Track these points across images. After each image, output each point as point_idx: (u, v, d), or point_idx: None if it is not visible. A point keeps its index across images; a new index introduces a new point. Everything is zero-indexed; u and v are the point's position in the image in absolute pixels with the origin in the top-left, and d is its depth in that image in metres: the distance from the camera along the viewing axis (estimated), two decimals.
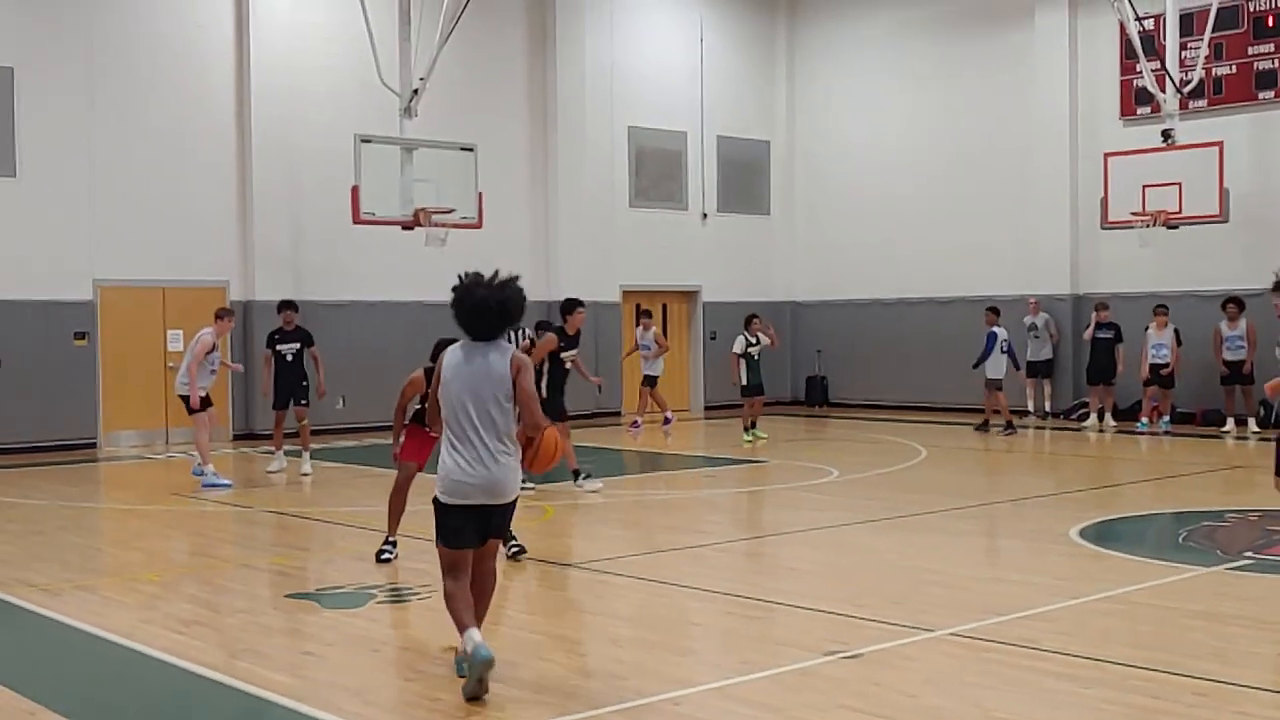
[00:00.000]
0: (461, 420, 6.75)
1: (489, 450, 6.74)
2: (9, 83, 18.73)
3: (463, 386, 6.76)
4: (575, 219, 24.08)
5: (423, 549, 10.90)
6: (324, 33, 21.18)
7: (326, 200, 20.55)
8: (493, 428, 6.75)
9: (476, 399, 6.74)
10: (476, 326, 6.82)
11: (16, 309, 18.78)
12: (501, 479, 6.79)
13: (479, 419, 6.73)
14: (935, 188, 24.97)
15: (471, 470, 6.74)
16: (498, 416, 6.77)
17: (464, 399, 6.75)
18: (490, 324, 6.80)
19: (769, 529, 12.01)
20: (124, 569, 10.49)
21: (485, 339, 6.83)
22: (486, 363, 6.77)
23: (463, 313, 6.85)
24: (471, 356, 6.81)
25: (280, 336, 16.33)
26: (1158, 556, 10.26)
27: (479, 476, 6.74)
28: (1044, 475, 16.47)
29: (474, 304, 6.80)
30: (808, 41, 27.27)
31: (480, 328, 6.81)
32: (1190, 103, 20.99)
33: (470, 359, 6.81)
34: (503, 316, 6.81)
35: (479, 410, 6.74)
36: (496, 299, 6.81)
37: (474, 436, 6.74)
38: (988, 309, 21.37)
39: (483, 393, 6.74)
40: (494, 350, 6.82)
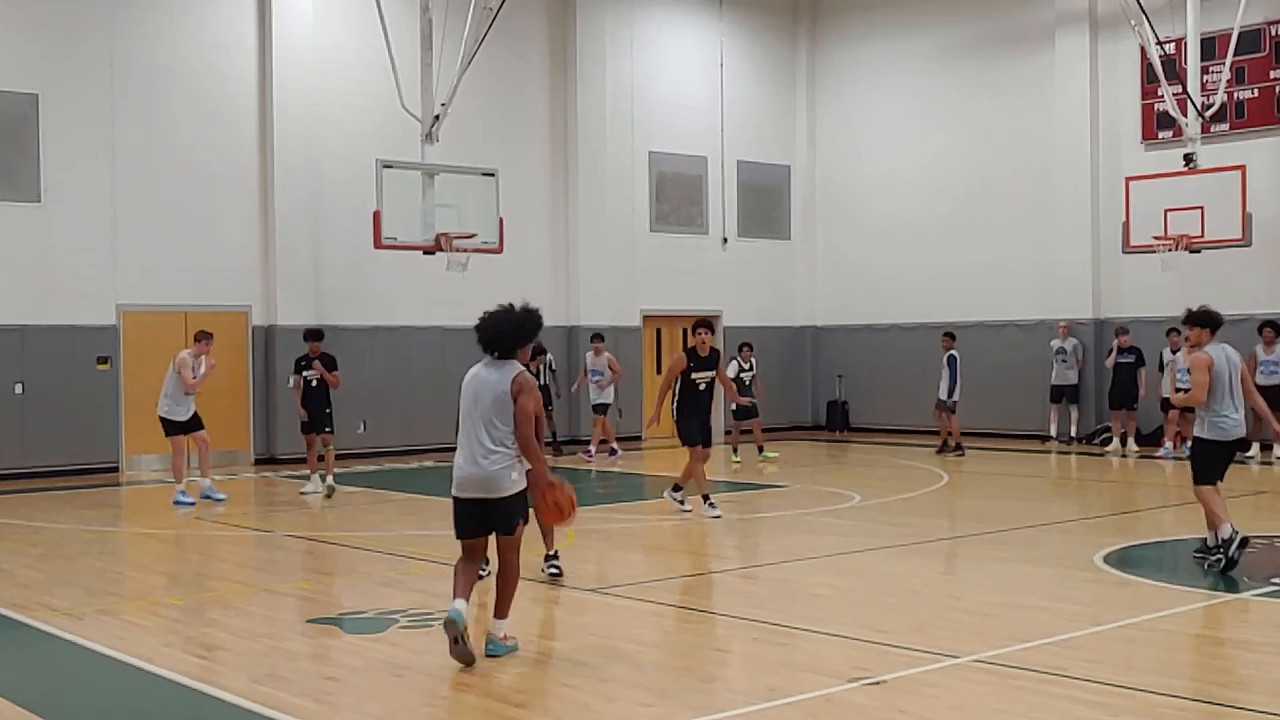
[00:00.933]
0: (464, 422, 7.85)
1: (483, 449, 7.75)
2: (34, 109, 18.87)
3: (470, 393, 7.88)
4: (596, 243, 24.12)
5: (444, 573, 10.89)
6: (346, 59, 21.30)
7: (348, 225, 20.63)
8: (486, 431, 7.75)
9: (478, 404, 7.80)
10: (489, 344, 7.94)
11: (40, 333, 18.88)
12: (489, 476, 7.76)
13: (478, 422, 7.78)
14: (956, 212, 24.94)
15: (465, 467, 7.83)
16: (497, 422, 7.76)
17: (468, 403, 7.86)
18: (500, 343, 7.90)
19: (791, 554, 11.96)
20: (146, 593, 10.50)
21: (499, 355, 7.92)
22: (493, 376, 7.84)
23: (479, 332, 7.96)
24: (485, 369, 7.93)
25: (307, 363, 16.70)
26: (1182, 583, 10.19)
27: (471, 472, 7.79)
28: (1067, 500, 16.37)
29: (488, 325, 7.93)
30: (828, 66, 27.30)
31: (491, 345, 7.92)
32: (1212, 126, 20.94)
33: (482, 371, 7.94)
34: (514, 336, 7.92)
35: (480, 414, 7.78)
36: (511, 322, 7.91)
37: (472, 437, 7.79)
38: (945, 334, 21.71)
39: (483, 400, 7.79)
40: (502, 368, 7.86)
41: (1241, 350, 19.87)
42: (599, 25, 24.28)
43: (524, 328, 7.93)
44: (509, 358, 7.91)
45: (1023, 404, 23.41)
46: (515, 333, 7.91)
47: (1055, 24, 23.43)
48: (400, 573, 11.01)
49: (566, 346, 23.73)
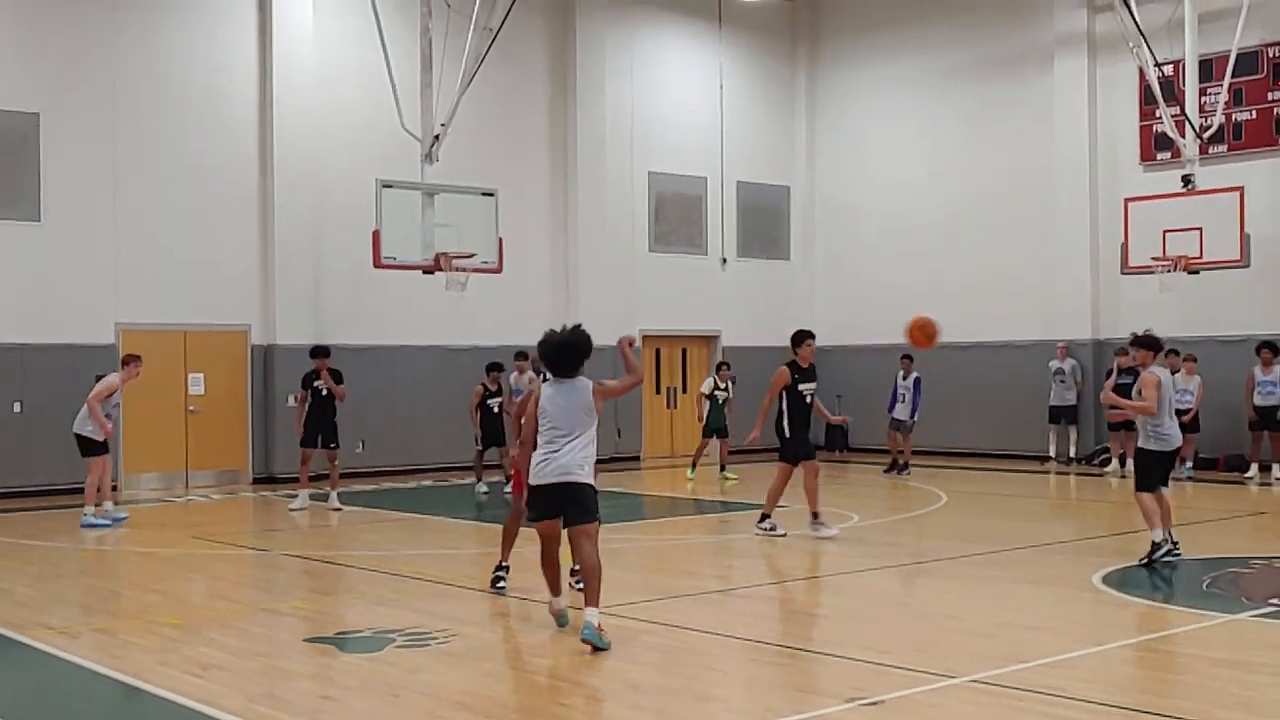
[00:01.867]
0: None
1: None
2: (35, 128, 18.91)
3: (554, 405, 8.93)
4: (595, 264, 24.14)
5: (441, 592, 10.87)
6: (346, 79, 21.36)
7: (347, 244, 20.66)
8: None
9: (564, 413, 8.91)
10: (555, 365, 9.00)
11: (40, 352, 18.88)
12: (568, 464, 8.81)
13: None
14: (955, 233, 24.98)
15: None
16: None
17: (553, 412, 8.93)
18: (566, 362, 9.00)
19: (789, 574, 11.94)
20: (143, 612, 10.48)
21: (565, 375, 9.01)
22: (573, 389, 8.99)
23: (544, 352, 9.05)
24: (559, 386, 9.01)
25: (316, 375, 17.03)
26: (1181, 603, 10.17)
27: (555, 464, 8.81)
28: (1066, 521, 16.36)
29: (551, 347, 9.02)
30: (827, 87, 27.38)
31: (558, 365, 8.99)
32: (1210, 148, 20.99)
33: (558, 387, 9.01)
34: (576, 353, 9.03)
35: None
36: (568, 341, 9.00)
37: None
38: (904, 356, 21.86)
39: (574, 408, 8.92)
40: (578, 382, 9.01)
41: (1239, 371, 20.00)
42: (599, 46, 24.35)
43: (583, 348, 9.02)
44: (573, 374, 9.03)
45: (1021, 424, 23.41)
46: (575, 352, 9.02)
47: (1054, 46, 23.50)
48: (398, 592, 10.99)
49: None
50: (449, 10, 18.05)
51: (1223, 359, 20.83)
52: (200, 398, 20.36)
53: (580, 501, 8.81)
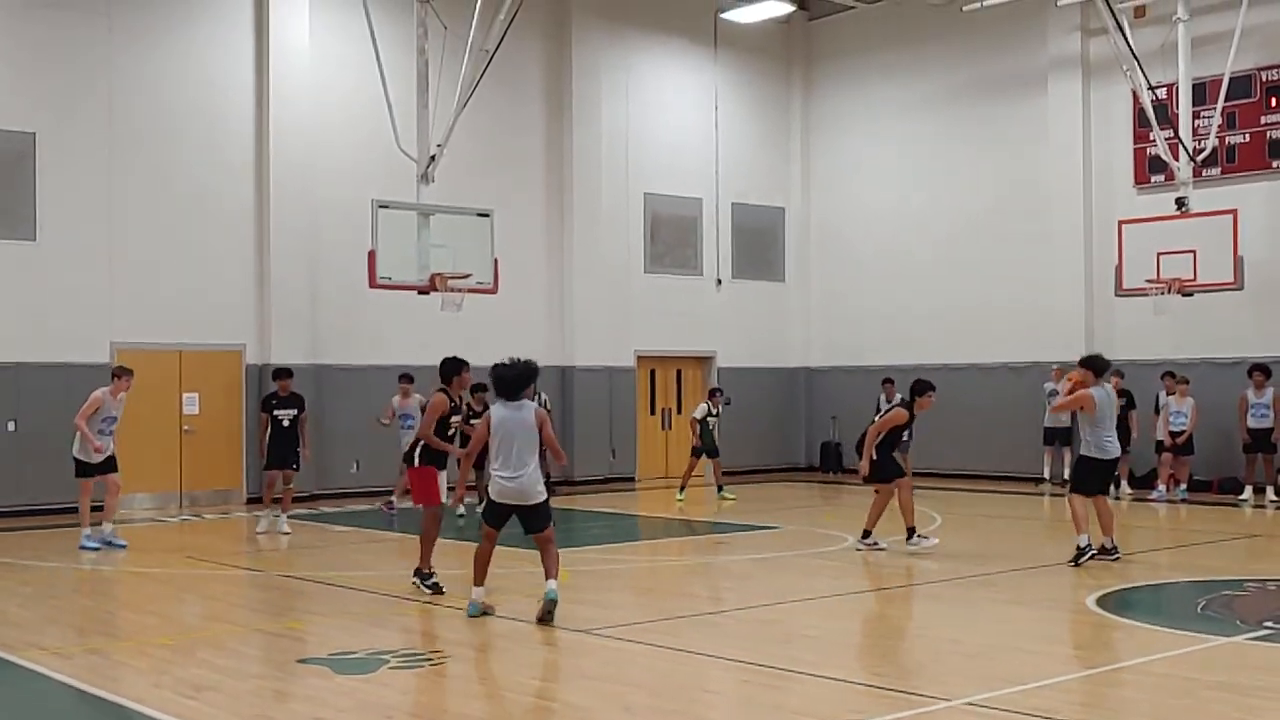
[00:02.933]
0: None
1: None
2: (31, 148, 18.94)
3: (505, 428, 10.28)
4: (591, 284, 24.17)
5: (435, 613, 10.86)
6: (342, 99, 21.42)
7: (343, 264, 20.69)
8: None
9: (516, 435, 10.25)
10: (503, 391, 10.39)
11: (34, 371, 18.87)
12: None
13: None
14: (950, 255, 25.04)
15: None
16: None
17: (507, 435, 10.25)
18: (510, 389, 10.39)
19: (784, 596, 11.93)
20: (136, 633, 10.46)
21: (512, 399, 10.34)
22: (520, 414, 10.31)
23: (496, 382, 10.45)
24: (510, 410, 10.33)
25: (277, 402, 16.78)
26: (1176, 626, 10.16)
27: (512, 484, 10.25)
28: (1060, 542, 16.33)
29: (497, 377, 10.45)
30: (822, 110, 27.47)
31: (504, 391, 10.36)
32: (1204, 171, 21.08)
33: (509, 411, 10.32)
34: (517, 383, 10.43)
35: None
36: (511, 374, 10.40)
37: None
38: (887, 380, 21.95)
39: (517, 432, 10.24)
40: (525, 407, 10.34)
41: (1233, 393, 20.04)
42: (595, 68, 24.43)
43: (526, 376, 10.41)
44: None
45: (1015, 446, 23.42)
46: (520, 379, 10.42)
47: (1048, 69, 23.60)
48: (391, 613, 10.98)
49: (560, 386, 23.74)
50: (445, 32, 18.10)
51: (1216, 381, 20.87)
52: (195, 417, 20.34)
53: (539, 515, 10.39)
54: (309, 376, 20.43)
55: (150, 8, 20.13)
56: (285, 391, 16.81)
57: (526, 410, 10.35)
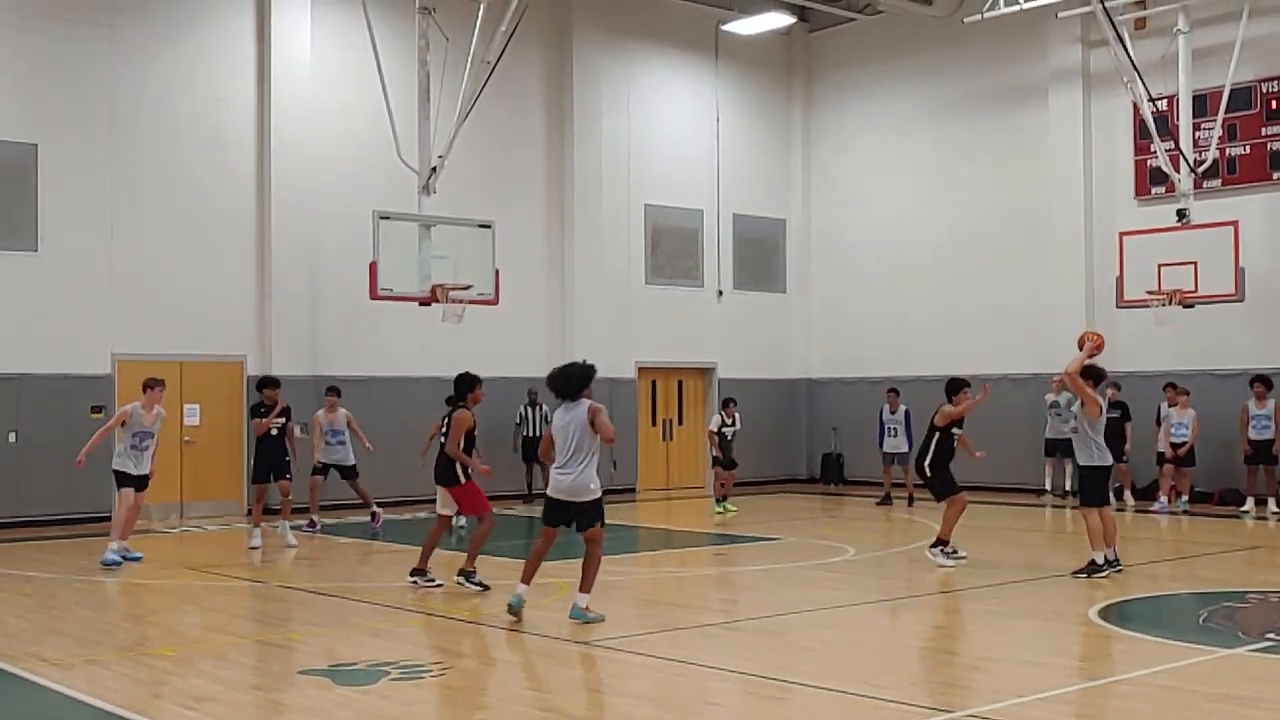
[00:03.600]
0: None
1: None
2: (33, 159, 18.97)
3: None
4: (591, 295, 24.18)
5: (436, 624, 10.84)
6: (344, 111, 21.45)
7: (344, 275, 20.69)
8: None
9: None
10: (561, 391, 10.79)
11: (35, 382, 18.87)
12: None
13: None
14: (950, 267, 25.04)
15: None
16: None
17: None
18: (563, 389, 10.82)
19: (785, 608, 11.92)
20: (137, 644, 10.45)
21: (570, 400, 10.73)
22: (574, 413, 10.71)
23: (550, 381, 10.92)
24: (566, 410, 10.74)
25: (265, 412, 16.42)
26: (1178, 638, 10.14)
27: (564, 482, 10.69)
28: (1062, 554, 16.33)
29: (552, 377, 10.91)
30: (823, 121, 27.50)
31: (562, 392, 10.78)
32: (1204, 183, 21.09)
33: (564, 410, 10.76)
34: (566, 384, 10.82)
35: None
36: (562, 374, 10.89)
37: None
38: (892, 390, 21.91)
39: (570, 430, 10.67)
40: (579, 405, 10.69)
41: (1234, 404, 20.03)
42: (596, 80, 24.46)
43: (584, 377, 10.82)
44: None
45: (1017, 458, 23.38)
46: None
47: (1049, 81, 23.62)
48: (392, 624, 10.97)
49: None
50: (447, 44, 18.12)
51: (1218, 393, 20.86)
52: (195, 428, 20.32)
53: (587, 513, 10.66)
54: (310, 388, 20.43)
55: (152, 19, 20.17)
56: (272, 401, 16.45)
57: (580, 408, 10.65)
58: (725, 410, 21.23)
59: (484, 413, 22.25)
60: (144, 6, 20.09)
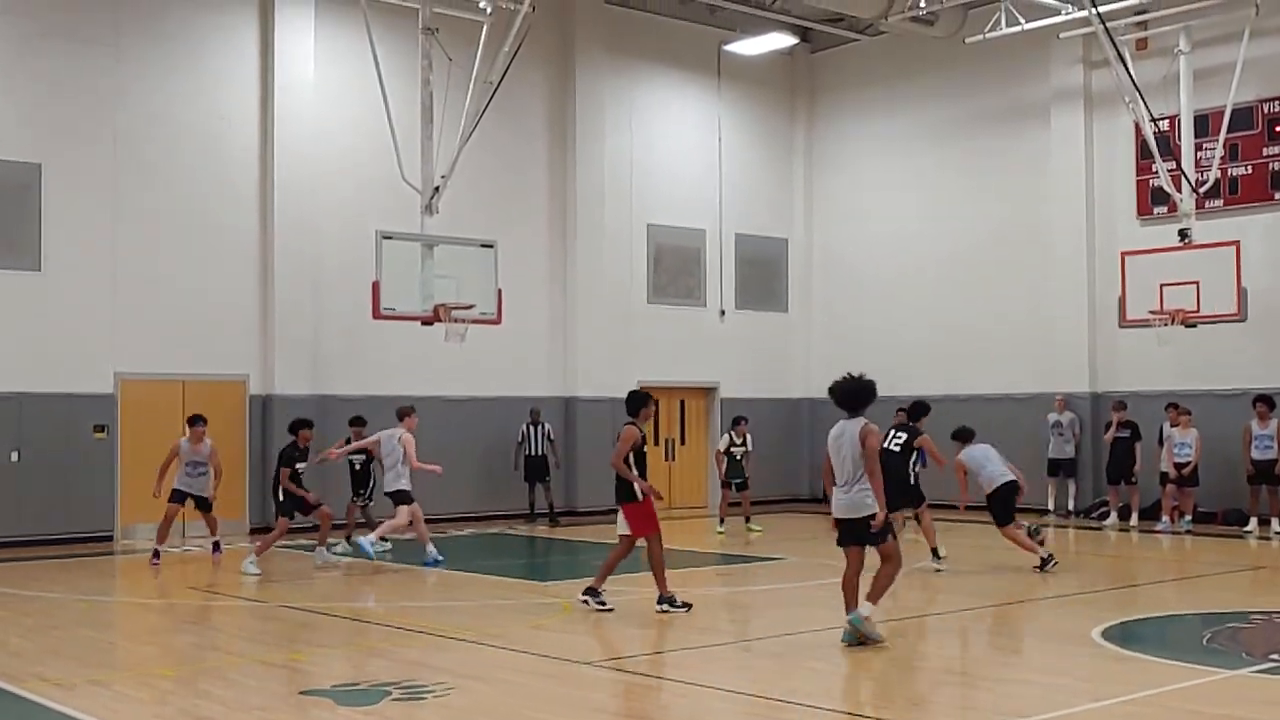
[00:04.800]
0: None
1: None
2: (36, 178, 19.01)
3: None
4: (594, 315, 24.19)
5: (438, 644, 10.82)
6: (347, 130, 21.49)
7: (347, 295, 20.71)
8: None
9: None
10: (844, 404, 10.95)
11: (38, 401, 18.88)
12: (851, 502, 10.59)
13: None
14: (952, 286, 25.05)
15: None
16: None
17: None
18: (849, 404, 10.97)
19: (788, 627, 11.89)
20: (138, 664, 10.43)
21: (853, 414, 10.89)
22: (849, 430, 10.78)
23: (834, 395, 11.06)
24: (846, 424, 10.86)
25: (298, 454, 16.53)
26: (1182, 658, 10.12)
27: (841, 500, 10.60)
28: (1065, 575, 16.29)
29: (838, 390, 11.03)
30: (825, 141, 27.54)
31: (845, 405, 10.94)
32: (1206, 202, 21.10)
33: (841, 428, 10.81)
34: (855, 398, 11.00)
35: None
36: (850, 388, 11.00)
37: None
38: (900, 409, 21.39)
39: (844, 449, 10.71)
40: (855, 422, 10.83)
41: (1237, 424, 20.00)
42: (598, 100, 24.51)
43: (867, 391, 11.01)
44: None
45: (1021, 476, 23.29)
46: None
47: (1050, 101, 23.66)
48: (394, 644, 10.95)
49: (564, 417, 23.72)
50: (450, 64, 18.18)
51: (1220, 413, 20.83)
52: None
53: (857, 529, 10.64)
54: (312, 407, 20.43)
55: (156, 40, 20.23)
56: (305, 443, 16.65)
57: (855, 425, 10.78)
58: (735, 429, 21.16)
59: (486, 432, 22.57)
60: (148, 27, 20.16)
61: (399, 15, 19.44)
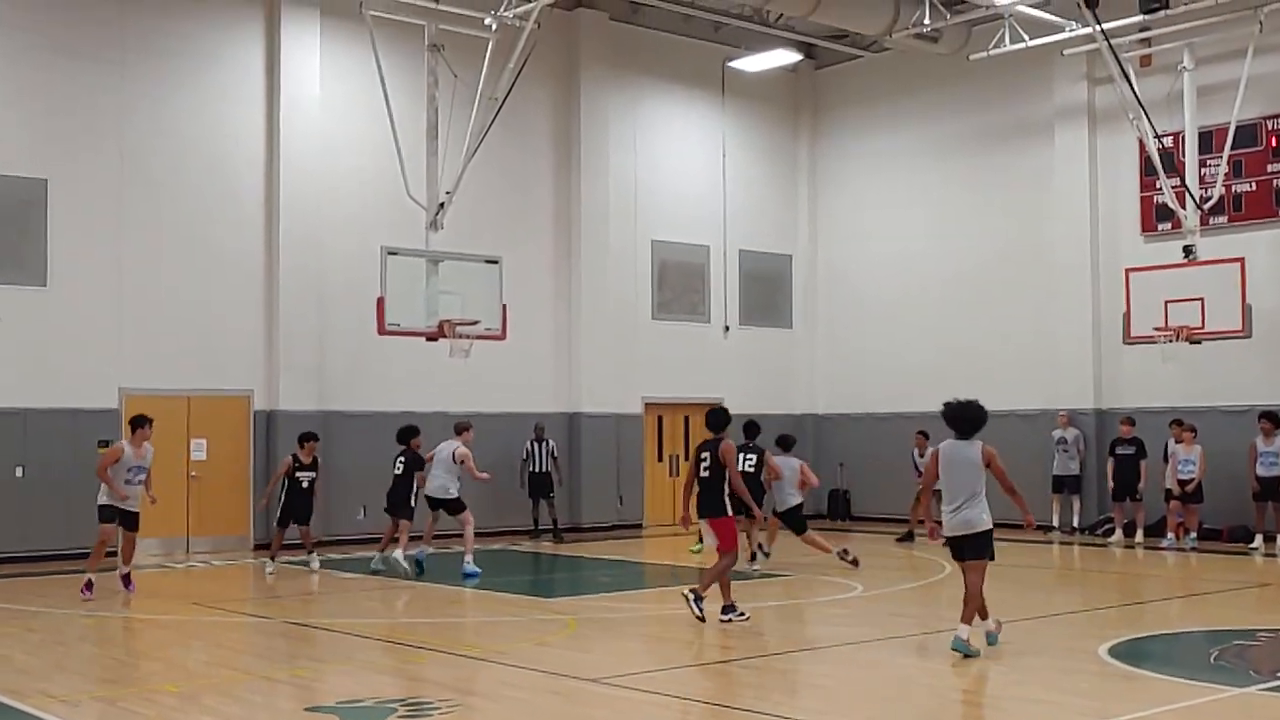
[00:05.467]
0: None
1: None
2: (43, 194, 19.05)
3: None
4: (598, 331, 24.21)
5: (443, 661, 10.80)
6: (352, 146, 21.53)
7: (351, 310, 20.72)
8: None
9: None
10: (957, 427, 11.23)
11: (42, 417, 18.88)
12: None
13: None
14: (957, 303, 25.06)
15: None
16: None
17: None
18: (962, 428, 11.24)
19: (793, 645, 11.87)
20: (143, 680, 10.42)
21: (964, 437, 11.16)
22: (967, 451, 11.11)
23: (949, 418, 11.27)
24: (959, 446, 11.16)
25: (299, 465, 17.30)
26: (1189, 676, 10.09)
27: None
28: (1071, 591, 16.30)
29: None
30: (829, 158, 27.58)
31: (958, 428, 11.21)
32: (1211, 219, 21.11)
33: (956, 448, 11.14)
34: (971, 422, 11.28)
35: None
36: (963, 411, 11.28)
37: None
38: (921, 432, 21.42)
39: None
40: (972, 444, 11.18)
41: (1243, 441, 19.97)
42: (603, 116, 24.56)
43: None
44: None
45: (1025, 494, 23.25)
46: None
47: (1054, 118, 23.69)
48: (398, 660, 10.93)
49: (567, 434, 23.72)
50: (455, 80, 18.23)
51: (1226, 429, 20.81)
52: (202, 463, 20.33)
53: (973, 544, 11.03)
54: (317, 423, 20.43)
55: (163, 56, 20.28)
56: (309, 456, 17.29)
57: (975, 449, 11.14)
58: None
59: (490, 448, 22.54)
60: (155, 44, 20.21)
61: (405, 32, 19.50)
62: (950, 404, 11.40)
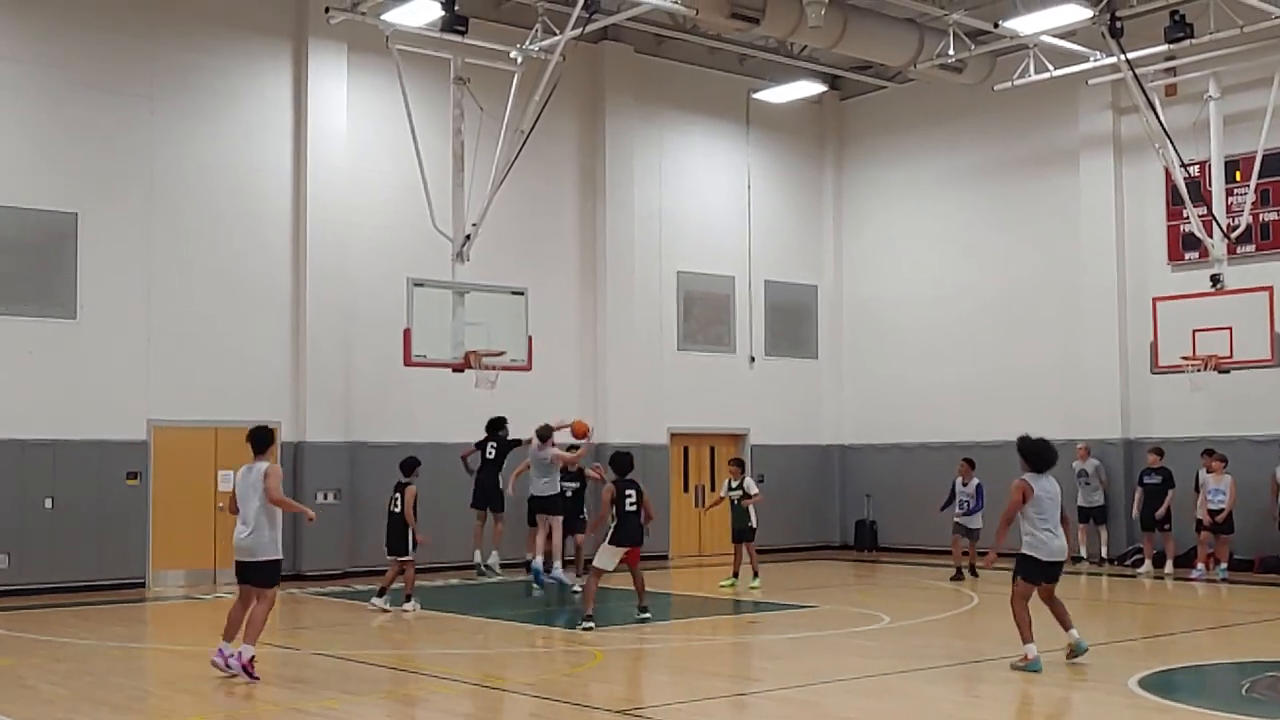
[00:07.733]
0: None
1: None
2: (73, 228, 19.22)
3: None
4: (624, 362, 24.23)
5: (471, 693, 10.79)
6: (379, 179, 21.66)
7: (378, 342, 20.81)
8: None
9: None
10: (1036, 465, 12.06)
11: (71, 448, 18.99)
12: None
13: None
14: (983, 332, 25.01)
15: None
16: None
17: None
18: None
19: (819, 676, 11.82)
20: (170, 712, 10.43)
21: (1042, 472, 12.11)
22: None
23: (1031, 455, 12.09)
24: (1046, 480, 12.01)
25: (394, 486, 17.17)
26: (1221, 708, 10.00)
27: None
28: (1099, 622, 16.16)
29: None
30: (855, 188, 27.61)
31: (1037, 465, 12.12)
32: (1238, 248, 21.03)
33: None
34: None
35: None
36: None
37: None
38: (967, 460, 20.84)
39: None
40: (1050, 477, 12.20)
41: (1270, 470, 19.82)
42: (628, 148, 24.66)
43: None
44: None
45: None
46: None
47: (1079, 147, 23.67)
48: (428, 692, 10.93)
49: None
50: (481, 113, 18.34)
51: (1255, 459, 20.68)
52: (229, 494, 20.32)
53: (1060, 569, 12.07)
54: (343, 454, 20.52)
55: (191, 90, 20.47)
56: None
57: (1052, 480, 12.05)
58: (729, 470, 20.06)
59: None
60: (183, 78, 20.40)
61: (431, 65, 19.64)
62: (1027, 440, 12.26)
